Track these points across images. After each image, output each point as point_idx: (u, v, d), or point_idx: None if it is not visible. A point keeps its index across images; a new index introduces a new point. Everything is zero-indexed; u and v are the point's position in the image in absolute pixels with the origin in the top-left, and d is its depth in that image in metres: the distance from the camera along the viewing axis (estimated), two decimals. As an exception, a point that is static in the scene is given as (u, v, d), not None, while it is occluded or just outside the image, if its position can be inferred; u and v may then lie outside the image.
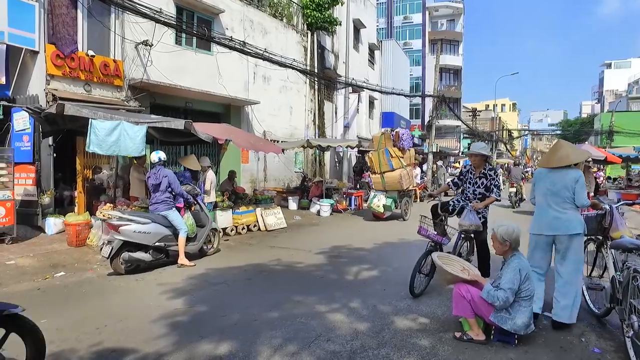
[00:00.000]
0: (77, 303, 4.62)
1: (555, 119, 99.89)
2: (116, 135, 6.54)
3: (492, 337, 3.56)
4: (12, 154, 7.72)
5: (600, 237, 4.28)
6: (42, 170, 8.64)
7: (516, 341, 3.48)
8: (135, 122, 6.87)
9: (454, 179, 5.50)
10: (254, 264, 6.40)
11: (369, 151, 12.47)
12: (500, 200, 5.36)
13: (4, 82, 8.40)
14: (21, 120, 8.30)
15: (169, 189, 6.29)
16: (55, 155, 8.94)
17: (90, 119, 6.42)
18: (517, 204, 14.63)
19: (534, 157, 70.12)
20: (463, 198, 5.20)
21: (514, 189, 14.78)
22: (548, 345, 3.51)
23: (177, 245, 6.26)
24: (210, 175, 8.85)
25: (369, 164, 12.21)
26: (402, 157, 11.17)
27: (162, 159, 6.40)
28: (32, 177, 8.28)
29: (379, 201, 11.07)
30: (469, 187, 5.18)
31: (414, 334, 3.70)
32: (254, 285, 5.36)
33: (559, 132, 65.93)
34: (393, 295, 4.74)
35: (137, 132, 6.74)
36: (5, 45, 8.23)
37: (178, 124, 7.44)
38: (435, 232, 4.97)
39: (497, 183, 5.03)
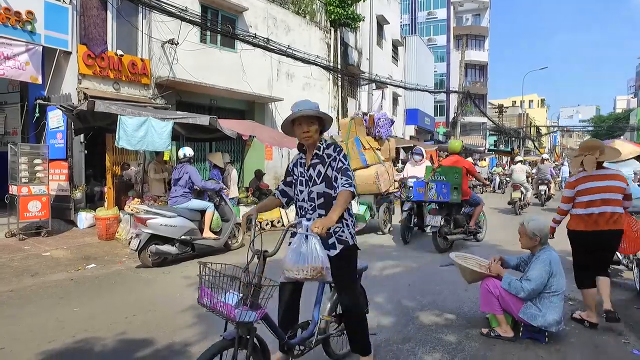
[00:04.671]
0: (108, 293, 4.76)
1: (586, 114, 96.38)
2: (144, 131, 6.72)
3: (520, 333, 3.46)
4: (47, 150, 8.04)
5: None
6: (74, 166, 8.96)
7: (546, 339, 3.37)
8: (162, 118, 7.03)
9: (279, 185, 2.94)
10: (279, 259, 6.41)
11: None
12: (358, 196, 3.11)
13: (40, 82, 8.76)
14: (55, 118, 8.63)
15: (189, 185, 6.41)
16: (86, 152, 9.25)
17: (119, 115, 6.62)
18: (545, 202, 13.32)
19: (564, 154, 67.87)
20: (299, 213, 2.81)
21: (544, 187, 13.22)
22: (581, 344, 3.38)
23: (203, 239, 6.39)
24: (231, 171, 9.01)
25: None
26: (379, 149, 8.32)
27: (187, 155, 6.52)
28: (65, 173, 8.59)
29: None
30: (301, 191, 2.75)
31: (440, 330, 3.63)
32: (278, 279, 5.38)
33: (590, 128, 63.61)
34: (418, 291, 4.67)
35: (163, 127, 6.91)
36: (41, 47, 8.57)
37: (203, 120, 7.58)
38: (226, 302, 2.21)
39: (343, 166, 2.60)
